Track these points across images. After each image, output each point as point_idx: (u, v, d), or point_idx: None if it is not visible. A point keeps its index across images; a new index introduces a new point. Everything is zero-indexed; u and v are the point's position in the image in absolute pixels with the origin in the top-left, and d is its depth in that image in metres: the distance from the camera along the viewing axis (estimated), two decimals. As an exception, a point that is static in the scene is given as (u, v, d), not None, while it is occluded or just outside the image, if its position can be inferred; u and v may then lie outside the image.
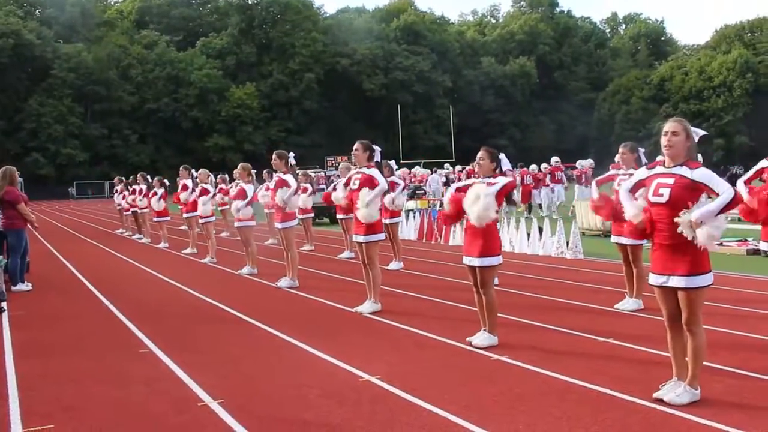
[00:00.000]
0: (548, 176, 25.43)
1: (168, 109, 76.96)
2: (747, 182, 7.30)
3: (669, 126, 4.94)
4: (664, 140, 4.93)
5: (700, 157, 15.97)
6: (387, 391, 5.36)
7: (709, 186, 4.76)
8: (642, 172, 5.18)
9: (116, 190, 23.02)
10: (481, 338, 6.70)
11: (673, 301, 4.91)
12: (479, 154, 6.83)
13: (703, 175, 4.79)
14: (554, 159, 26.00)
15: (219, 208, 18.38)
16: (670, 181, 4.85)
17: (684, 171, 4.84)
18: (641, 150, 8.56)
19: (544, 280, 10.81)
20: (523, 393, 5.23)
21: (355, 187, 8.54)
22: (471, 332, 6.88)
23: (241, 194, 12.01)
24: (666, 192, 4.83)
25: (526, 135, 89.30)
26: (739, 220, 16.36)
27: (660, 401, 4.87)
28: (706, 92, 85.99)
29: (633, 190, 5.17)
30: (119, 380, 5.88)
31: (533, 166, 26.17)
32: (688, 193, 4.78)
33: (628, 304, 8.31)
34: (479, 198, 6.42)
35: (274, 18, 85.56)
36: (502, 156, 7.02)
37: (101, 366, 6.38)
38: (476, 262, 6.63)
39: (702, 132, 5.13)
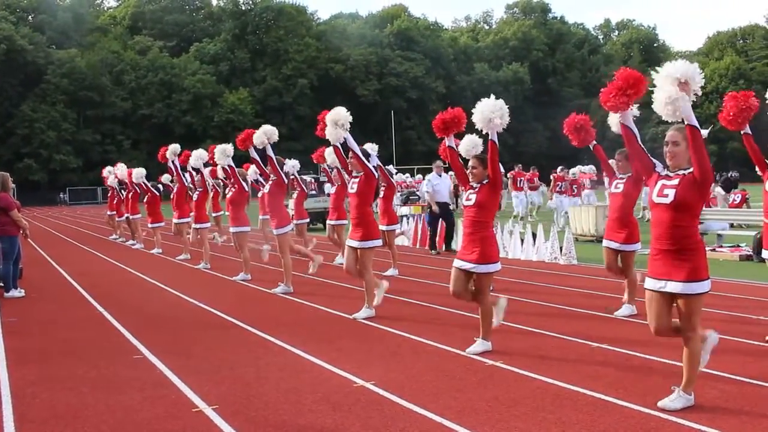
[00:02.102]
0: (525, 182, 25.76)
1: (161, 114, 76.84)
2: None
3: (669, 136, 4.91)
4: (666, 150, 4.91)
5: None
6: (381, 397, 5.36)
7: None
8: (659, 166, 5.09)
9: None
10: (475, 345, 6.69)
11: (665, 307, 4.90)
12: (471, 163, 6.86)
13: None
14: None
15: (213, 214, 18.38)
16: (675, 182, 4.81)
17: (688, 172, 4.81)
18: None
19: (537, 286, 10.82)
20: (517, 398, 5.23)
21: (353, 190, 8.55)
22: (465, 337, 6.91)
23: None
24: (671, 192, 4.77)
25: (520, 141, 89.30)
26: (738, 226, 16.45)
27: (654, 407, 4.88)
28: (699, 98, 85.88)
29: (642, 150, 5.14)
30: (113, 386, 5.86)
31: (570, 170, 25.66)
32: (694, 192, 4.74)
33: (622, 309, 8.33)
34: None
35: (268, 24, 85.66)
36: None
37: (95, 372, 6.36)
38: (475, 268, 6.57)
39: (704, 131, 5.10)
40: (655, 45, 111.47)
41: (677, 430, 4.50)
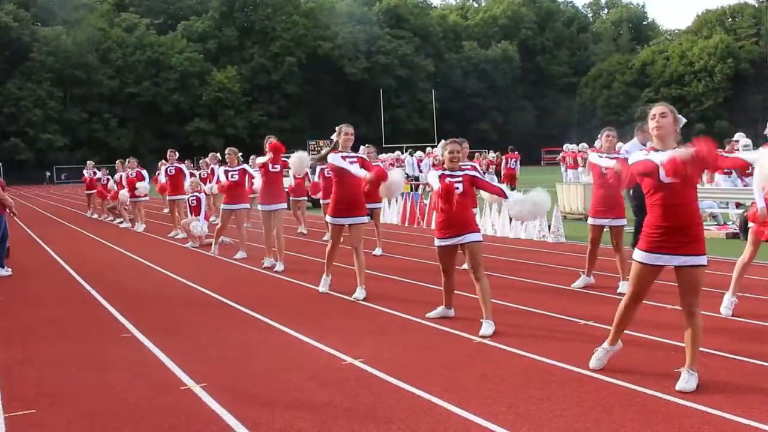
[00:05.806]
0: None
1: (148, 93, 76.28)
2: None
3: (656, 109, 4.95)
4: (652, 123, 4.90)
5: None
6: (370, 374, 5.38)
7: None
8: (640, 154, 5.00)
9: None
10: (484, 327, 6.54)
11: (651, 283, 5.02)
12: (450, 148, 6.83)
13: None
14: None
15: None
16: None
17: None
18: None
19: (525, 264, 10.86)
20: (505, 375, 5.26)
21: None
22: (453, 316, 6.95)
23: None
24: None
25: (508, 119, 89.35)
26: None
27: (641, 383, 4.92)
28: (687, 77, 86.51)
29: (636, 168, 4.97)
30: (101, 365, 5.86)
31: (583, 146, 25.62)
32: (696, 168, 4.72)
33: (579, 281, 8.67)
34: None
35: (255, 1, 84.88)
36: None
37: (83, 351, 6.34)
38: (474, 237, 6.68)
39: (683, 119, 5.12)
40: (644, 23, 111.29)
41: (664, 405, 4.54)
